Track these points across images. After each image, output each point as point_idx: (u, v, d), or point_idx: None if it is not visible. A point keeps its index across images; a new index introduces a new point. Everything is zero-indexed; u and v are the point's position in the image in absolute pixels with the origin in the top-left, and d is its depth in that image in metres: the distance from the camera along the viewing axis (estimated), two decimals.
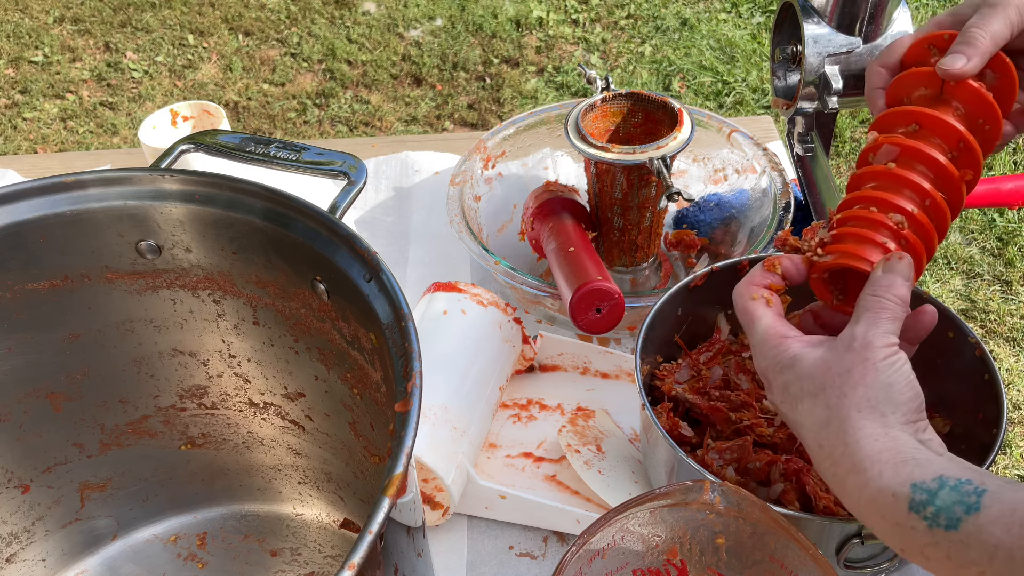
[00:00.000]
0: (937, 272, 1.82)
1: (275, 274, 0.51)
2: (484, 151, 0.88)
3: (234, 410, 0.61)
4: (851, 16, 0.72)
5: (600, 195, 0.79)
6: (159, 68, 2.52)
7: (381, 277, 0.44)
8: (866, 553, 0.52)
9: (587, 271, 0.67)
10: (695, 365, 0.65)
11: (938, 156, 0.48)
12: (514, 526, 0.65)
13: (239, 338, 0.57)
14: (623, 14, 2.63)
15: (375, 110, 2.35)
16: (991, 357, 0.56)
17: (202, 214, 0.51)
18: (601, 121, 0.80)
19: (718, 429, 0.61)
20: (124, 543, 0.64)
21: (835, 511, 0.54)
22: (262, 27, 2.63)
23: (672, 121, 0.75)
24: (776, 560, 0.46)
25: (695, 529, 0.47)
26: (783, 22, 0.78)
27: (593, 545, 0.45)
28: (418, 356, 0.40)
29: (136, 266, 0.53)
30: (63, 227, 0.50)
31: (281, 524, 0.65)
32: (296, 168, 0.55)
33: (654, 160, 0.70)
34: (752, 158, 0.85)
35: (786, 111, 0.78)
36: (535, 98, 2.35)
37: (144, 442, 0.61)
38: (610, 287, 0.65)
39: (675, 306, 0.64)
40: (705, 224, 0.87)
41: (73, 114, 2.38)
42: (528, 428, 0.71)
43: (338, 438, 0.58)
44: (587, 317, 0.66)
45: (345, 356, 0.50)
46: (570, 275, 0.68)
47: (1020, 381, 1.62)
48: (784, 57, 0.77)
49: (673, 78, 2.37)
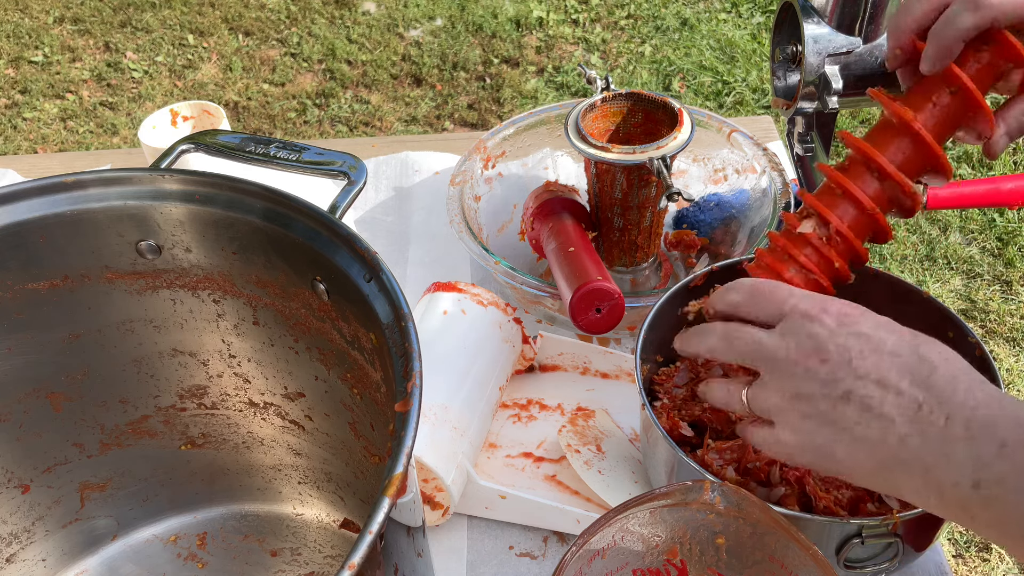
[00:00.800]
0: (937, 272, 1.82)
1: (275, 274, 0.51)
2: (484, 151, 0.88)
3: (234, 410, 0.61)
4: (851, 16, 0.72)
5: (600, 195, 0.79)
6: (159, 68, 2.52)
7: (381, 277, 0.44)
8: (866, 553, 0.52)
9: (587, 271, 0.67)
10: (693, 367, 0.65)
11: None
12: (514, 526, 0.65)
13: (239, 338, 0.57)
14: (623, 14, 2.63)
15: (375, 110, 2.35)
16: (991, 357, 0.56)
17: (202, 214, 0.51)
18: (601, 121, 0.80)
19: (718, 429, 0.61)
20: (124, 543, 0.64)
21: (835, 511, 0.54)
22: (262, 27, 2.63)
23: (672, 121, 0.76)
24: (776, 560, 0.46)
25: (695, 529, 0.47)
26: (783, 22, 0.78)
27: (593, 545, 0.45)
28: (418, 356, 0.40)
29: (136, 266, 0.53)
30: (63, 227, 0.50)
31: (281, 524, 0.65)
32: (296, 168, 0.55)
33: (654, 160, 0.70)
34: (752, 158, 0.85)
35: (786, 111, 0.78)
36: (535, 98, 2.35)
37: (144, 442, 0.61)
38: (610, 287, 0.65)
39: (675, 306, 0.64)
40: (705, 224, 0.87)
41: (73, 114, 2.38)
42: (528, 428, 0.71)
43: (338, 438, 0.58)
44: (587, 317, 0.66)
45: (345, 356, 0.50)
46: (570, 275, 0.68)
47: (1020, 381, 1.62)
48: (784, 57, 0.77)
49: (673, 78, 2.37)
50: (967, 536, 1.42)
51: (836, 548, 0.51)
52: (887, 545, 0.52)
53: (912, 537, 0.52)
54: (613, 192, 0.77)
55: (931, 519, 0.52)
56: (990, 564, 1.38)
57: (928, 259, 1.85)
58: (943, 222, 1.91)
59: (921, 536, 0.54)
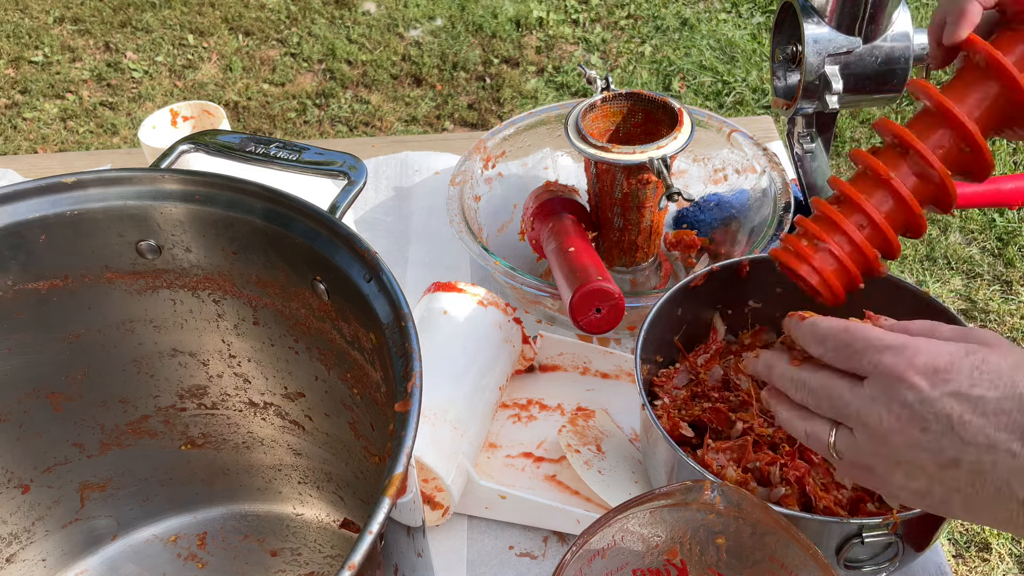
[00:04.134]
0: (937, 272, 1.82)
1: (275, 274, 0.51)
2: (484, 151, 0.88)
3: (234, 410, 0.61)
4: (851, 16, 0.72)
5: (600, 195, 0.79)
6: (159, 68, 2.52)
7: (381, 277, 0.44)
8: (866, 553, 0.52)
9: (587, 271, 0.67)
10: (692, 368, 0.66)
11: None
12: (514, 526, 0.65)
13: (239, 338, 0.57)
14: (623, 14, 2.63)
15: (375, 110, 2.35)
16: None
17: (202, 214, 0.51)
18: (601, 121, 0.80)
19: (718, 429, 0.61)
20: (124, 543, 0.64)
21: (835, 511, 0.54)
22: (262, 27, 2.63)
23: (672, 121, 0.76)
24: (776, 560, 0.46)
25: (695, 529, 0.47)
26: (783, 22, 0.78)
27: (593, 545, 0.45)
28: (418, 356, 0.40)
29: (136, 266, 0.53)
30: (63, 227, 0.50)
31: (281, 524, 0.65)
32: (296, 168, 0.55)
33: (654, 160, 0.70)
34: (752, 158, 0.85)
35: (786, 111, 0.78)
36: (535, 98, 2.35)
37: (144, 442, 0.61)
38: (610, 287, 0.65)
39: (675, 306, 0.64)
40: (705, 224, 0.87)
41: (73, 114, 2.38)
42: (528, 428, 0.71)
43: (338, 438, 0.58)
44: (587, 317, 0.66)
45: (345, 356, 0.50)
46: (570, 275, 0.68)
47: None
48: (784, 57, 0.77)
49: (673, 78, 2.37)
50: (967, 536, 1.42)
51: (836, 548, 0.51)
52: (887, 545, 0.52)
53: (912, 537, 0.53)
54: (613, 192, 0.77)
55: (931, 519, 0.52)
56: (990, 564, 1.38)
57: (928, 259, 1.85)
58: (943, 222, 1.91)
59: (921, 536, 0.54)
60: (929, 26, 0.53)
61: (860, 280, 0.52)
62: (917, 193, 0.51)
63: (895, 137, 0.50)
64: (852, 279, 0.52)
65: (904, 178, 0.50)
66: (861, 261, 0.52)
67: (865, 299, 0.53)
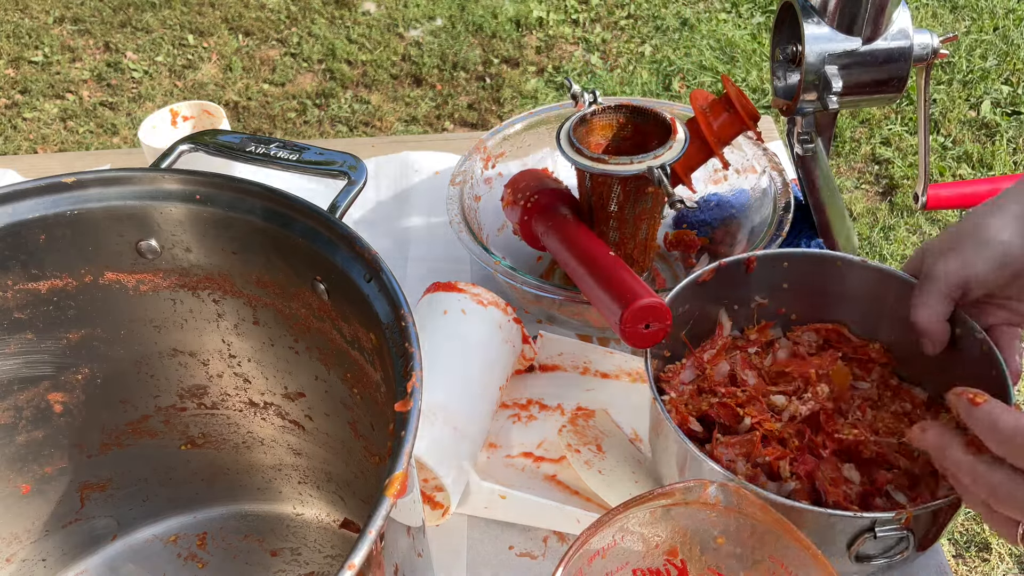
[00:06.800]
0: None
1: (275, 274, 0.51)
2: (484, 151, 0.88)
3: (234, 410, 0.61)
4: (851, 16, 0.71)
5: (595, 209, 0.78)
6: (159, 68, 2.52)
7: (381, 277, 0.44)
8: (878, 548, 0.52)
9: (630, 285, 0.64)
10: (699, 364, 0.66)
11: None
12: (514, 526, 0.65)
13: (239, 338, 0.57)
14: (623, 14, 2.63)
15: (375, 110, 2.35)
16: (998, 352, 0.56)
17: (202, 214, 0.51)
18: (594, 134, 0.78)
19: (725, 424, 0.61)
20: (124, 543, 0.64)
21: (846, 505, 0.54)
22: (262, 27, 2.64)
23: (663, 131, 0.74)
24: (776, 560, 0.46)
25: (695, 529, 0.47)
26: (783, 22, 0.78)
27: (593, 545, 0.45)
28: (418, 356, 0.40)
29: (136, 266, 0.53)
30: (63, 227, 0.50)
31: (281, 524, 0.65)
32: (296, 168, 0.55)
33: (654, 169, 0.69)
34: (752, 158, 0.85)
35: (786, 111, 0.78)
36: (535, 98, 2.35)
37: (144, 442, 0.61)
38: (662, 305, 0.63)
39: (683, 302, 0.64)
40: (705, 224, 0.87)
41: (73, 114, 2.38)
42: (528, 428, 0.71)
43: (338, 438, 0.58)
44: (636, 331, 0.64)
45: (345, 356, 0.50)
46: (611, 289, 0.64)
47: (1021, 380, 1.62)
48: (784, 57, 0.77)
49: (673, 78, 2.37)
50: (967, 536, 1.42)
51: (848, 542, 0.51)
52: (899, 539, 0.51)
53: (922, 531, 0.52)
54: (608, 206, 0.76)
55: (942, 514, 0.52)
56: (990, 564, 1.38)
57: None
58: (943, 222, 1.91)
59: (930, 530, 0.54)
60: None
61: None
62: None
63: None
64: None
65: None
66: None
67: (868, 300, 0.52)
